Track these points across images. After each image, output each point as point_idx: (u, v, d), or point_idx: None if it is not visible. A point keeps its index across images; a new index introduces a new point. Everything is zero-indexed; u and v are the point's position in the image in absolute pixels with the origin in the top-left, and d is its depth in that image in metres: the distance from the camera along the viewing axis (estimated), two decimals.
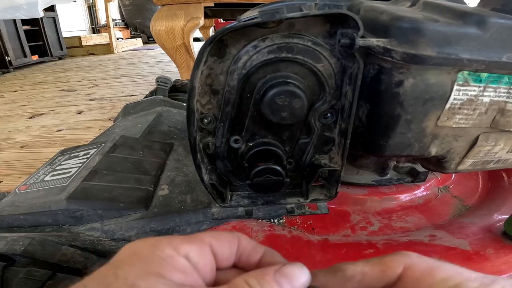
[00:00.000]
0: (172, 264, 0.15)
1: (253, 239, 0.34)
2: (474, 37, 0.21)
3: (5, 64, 2.57)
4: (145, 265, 0.15)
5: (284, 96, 0.22)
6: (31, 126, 1.20)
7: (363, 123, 0.25)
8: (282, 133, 0.25)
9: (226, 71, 0.23)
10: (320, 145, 0.26)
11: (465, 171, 0.27)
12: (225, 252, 0.18)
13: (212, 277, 0.17)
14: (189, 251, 0.16)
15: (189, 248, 0.16)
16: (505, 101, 0.23)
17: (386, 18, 0.22)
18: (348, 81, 0.23)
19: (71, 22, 4.07)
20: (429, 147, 0.24)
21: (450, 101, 0.22)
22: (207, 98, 0.24)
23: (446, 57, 0.20)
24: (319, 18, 0.22)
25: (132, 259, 0.15)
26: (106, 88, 1.78)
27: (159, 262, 0.15)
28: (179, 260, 0.16)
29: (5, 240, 0.30)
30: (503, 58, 0.21)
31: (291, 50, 0.22)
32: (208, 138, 0.25)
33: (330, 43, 0.22)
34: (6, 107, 1.51)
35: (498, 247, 0.33)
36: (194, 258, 0.16)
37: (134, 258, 0.15)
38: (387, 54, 0.21)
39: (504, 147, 0.25)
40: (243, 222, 0.37)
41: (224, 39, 0.22)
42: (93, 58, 3.22)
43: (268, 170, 0.26)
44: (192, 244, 0.17)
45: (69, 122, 1.22)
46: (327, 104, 0.24)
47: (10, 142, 1.06)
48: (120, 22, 4.45)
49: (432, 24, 0.21)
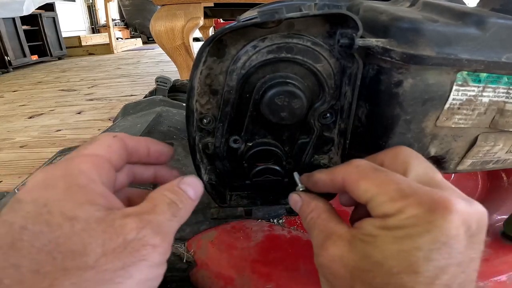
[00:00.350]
0: (93, 191, 0.17)
1: (253, 239, 0.34)
2: (473, 37, 0.21)
3: (4, 64, 2.57)
4: (73, 196, 0.16)
5: (283, 96, 0.22)
6: (31, 126, 1.20)
7: (363, 123, 0.25)
8: (282, 133, 0.26)
9: (225, 71, 0.23)
10: (319, 145, 0.26)
11: (464, 171, 0.27)
12: (118, 158, 0.20)
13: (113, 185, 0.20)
14: (96, 173, 0.18)
15: (94, 171, 0.18)
16: (504, 101, 0.23)
17: (385, 18, 0.22)
18: (347, 81, 0.23)
19: (70, 22, 4.07)
20: (428, 147, 0.25)
21: (449, 101, 0.22)
22: (207, 98, 0.24)
23: (446, 57, 0.20)
24: (318, 18, 0.22)
25: (56, 192, 0.16)
26: (105, 88, 1.78)
27: (83, 191, 0.17)
28: (97, 186, 0.17)
29: None
30: (503, 58, 0.21)
31: (290, 50, 0.22)
32: (207, 138, 0.25)
33: (329, 43, 0.22)
34: (5, 107, 1.51)
35: (498, 247, 0.33)
36: (103, 179, 0.18)
37: (57, 192, 0.16)
38: (386, 54, 0.21)
39: (503, 147, 0.25)
40: (243, 222, 0.37)
41: (223, 39, 0.22)
42: (93, 58, 3.22)
43: (267, 170, 0.26)
44: (92, 165, 0.18)
45: (68, 122, 1.22)
46: (326, 104, 0.24)
47: (10, 142, 1.06)
48: (119, 22, 4.45)
49: (432, 24, 0.21)
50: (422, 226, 0.16)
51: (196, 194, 0.21)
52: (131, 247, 0.16)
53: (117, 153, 0.20)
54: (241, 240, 0.35)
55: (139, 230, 0.16)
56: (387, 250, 0.17)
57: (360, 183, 0.19)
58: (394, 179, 0.18)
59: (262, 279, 0.31)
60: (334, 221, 0.21)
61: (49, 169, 0.18)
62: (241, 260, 0.32)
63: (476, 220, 0.17)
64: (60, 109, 1.42)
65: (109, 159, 0.19)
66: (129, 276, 0.16)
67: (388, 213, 0.17)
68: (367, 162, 0.20)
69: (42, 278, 0.15)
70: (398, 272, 0.16)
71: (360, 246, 0.18)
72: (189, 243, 0.35)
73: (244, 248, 0.34)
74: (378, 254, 0.17)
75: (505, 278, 0.30)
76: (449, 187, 0.18)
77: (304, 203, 0.23)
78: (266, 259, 0.32)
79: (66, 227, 0.15)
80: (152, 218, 0.17)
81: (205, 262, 0.33)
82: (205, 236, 0.35)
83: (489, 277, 0.30)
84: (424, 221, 0.16)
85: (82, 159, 0.18)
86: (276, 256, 0.33)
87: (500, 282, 0.30)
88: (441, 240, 0.16)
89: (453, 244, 0.16)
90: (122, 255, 0.16)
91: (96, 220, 0.16)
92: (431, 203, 0.16)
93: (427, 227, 0.16)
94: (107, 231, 0.16)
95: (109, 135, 0.21)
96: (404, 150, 0.21)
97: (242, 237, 0.35)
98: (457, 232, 0.16)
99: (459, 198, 0.17)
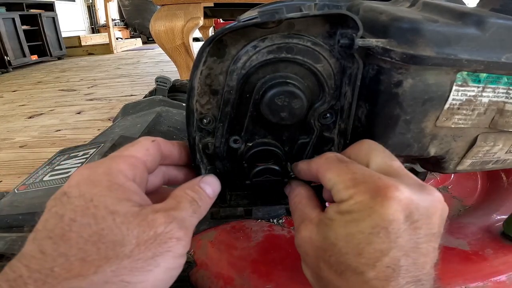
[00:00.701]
0: (129, 189, 0.19)
1: (253, 239, 0.34)
2: (473, 38, 0.21)
3: (4, 64, 2.56)
4: (114, 192, 0.18)
5: (283, 97, 0.22)
6: (30, 126, 1.20)
7: (362, 124, 0.25)
8: (282, 133, 0.26)
9: (225, 71, 0.23)
10: (319, 145, 0.26)
11: (464, 172, 0.27)
12: (153, 161, 0.22)
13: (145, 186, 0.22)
14: (132, 174, 0.20)
15: (130, 171, 0.20)
16: (504, 102, 0.23)
17: (385, 19, 0.22)
18: (347, 81, 0.23)
19: (70, 22, 4.07)
20: (428, 148, 0.25)
21: (449, 101, 0.22)
22: (207, 98, 0.24)
23: (445, 57, 0.20)
24: (318, 19, 0.22)
25: (100, 189, 0.18)
26: (105, 88, 1.78)
27: (121, 189, 0.19)
28: (132, 185, 0.19)
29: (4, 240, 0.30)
30: (502, 58, 0.21)
31: (290, 50, 0.22)
32: (207, 138, 0.25)
33: (329, 44, 0.22)
34: (5, 107, 1.51)
35: (497, 247, 0.33)
36: (137, 178, 0.20)
37: (101, 188, 0.18)
38: (386, 55, 0.21)
39: (503, 147, 0.25)
40: (242, 222, 0.37)
41: (223, 39, 0.22)
42: (93, 58, 3.22)
43: (267, 170, 0.26)
44: (130, 165, 0.20)
45: (68, 122, 1.22)
46: (326, 105, 0.24)
47: (9, 142, 1.06)
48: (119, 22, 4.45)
49: (431, 24, 0.21)
50: (364, 211, 0.18)
51: (214, 193, 0.23)
52: (159, 239, 0.18)
53: (153, 156, 0.22)
54: (241, 240, 0.35)
55: (167, 225, 0.18)
56: (339, 232, 0.19)
57: (326, 173, 0.21)
58: (352, 168, 0.20)
59: (262, 279, 0.31)
60: (310, 206, 0.23)
61: (93, 167, 0.19)
62: (241, 260, 0.32)
63: (420, 207, 0.18)
64: (59, 109, 1.42)
65: (145, 161, 0.21)
66: (157, 265, 0.17)
67: (343, 199, 0.19)
68: (335, 154, 0.22)
69: (88, 265, 0.16)
70: (346, 252, 0.18)
71: (322, 228, 0.20)
72: None
73: (244, 248, 0.34)
74: (333, 235, 0.19)
75: (505, 278, 0.31)
76: (402, 174, 0.20)
77: (291, 190, 0.26)
78: (266, 259, 0.32)
79: (109, 220, 0.17)
80: (177, 214, 0.19)
81: (204, 262, 0.33)
82: (204, 236, 0.35)
83: (489, 277, 0.30)
84: (367, 206, 0.18)
85: (121, 160, 0.20)
86: (276, 256, 0.33)
87: (499, 282, 0.30)
88: (380, 225, 0.17)
89: (392, 229, 0.17)
90: (152, 246, 0.17)
91: (132, 214, 0.18)
92: (375, 190, 0.18)
93: (368, 212, 0.18)
94: (141, 224, 0.18)
95: (148, 139, 0.22)
96: (366, 143, 0.22)
97: (242, 237, 0.35)
98: (394, 218, 0.17)
99: (403, 185, 0.18)
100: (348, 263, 0.18)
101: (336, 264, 0.19)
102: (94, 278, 0.16)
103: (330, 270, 0.19)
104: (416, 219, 0.18)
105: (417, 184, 0.19)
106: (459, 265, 0.31)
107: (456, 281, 0.30)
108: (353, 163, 0.21)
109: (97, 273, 0.16)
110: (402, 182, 0.18)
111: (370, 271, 0.18)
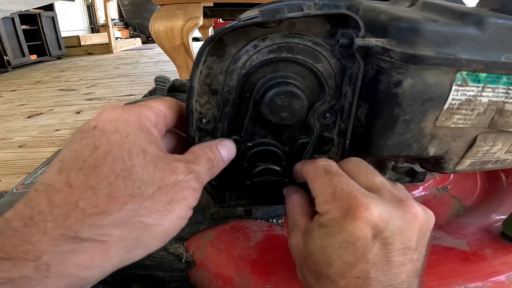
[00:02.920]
0: (154, 134, 0.20)
1: (252, 239, 0.34)
2: (472, 37, 0.21)
3: (3, 64, 2.56)
4: (144, 134, 0.18)
5: (283, 96, 0.22)
6: (29, 126, 1.20)
7: (362, 123, 0.25)
8: (282, 133, 0.26)
9: (225, 70, 0.23)
10: (319, 145, 0.26)
11: (463, 172, 0.27)
12: (172, 118, 0.23)
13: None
14: (155, 123, 0.20)
15: (154, 120, 0.20)
16: (503, 102, 0.23)
17: (385, 18, 0.22)
18: (348, 81, 0.23)
19: (70, 22, 4.06)
20: (427, 148, 0.25)
21: (448, 101, 0.22)
22: (206, 98, 0.24)
23: (445, 57, 0.20)
24: (319, 18, 0.22)
25: (133, 128, 0.18)
26: (104, 88, 1.78)
27: (149, 133, 0.19)
28: (156, 132, 0.20)
29: None
30: (502, 58, 0.21)
31: (291, 50, 0.22)
32: (207, 138, 0.25)
33: (330, 43, 0.22)
34: (4, 107, 1.50)
35: (496, 247, 0.33)
36: (159, 128, 0.21)
37: (134, 127, 0.18)
38: (386, 54, 0.21)
39: (503, 147, 0.25)
40: (242, 222, 0.37)
41: (223, 39, 0.22)
42: (92, 58, 3.22)
43: (267, 170, 0.26)
44: (155, 115, 0.21)
45: (67, 122, 1.22)
46: (326, 104, 0.24)
47: (8, 141, 1.05)
48: (119, 21, 4.44)
49: (431, 24, 0.21)
50: (336, 227, 0.20)
51: (228, 157, 0.23)
52: (178, 186, 0.18)
53: (173, 114, 0.23)
54: (240, 240, 0.34)
55: (187, 174, 0.19)
56: (316, 243, 0.21)
57: (313, 182, 0.23)
58: (334, 182, 0.21)
59: (261, 279, 0.31)
60: (300, 214, 0.24)
61: (124, 108, 0.19)
62: (240, 260, 0.32)
63: (390, 225, 0.19)
64: (59, 108, 1.42)
65: (166, 116, 0.22)
66: (172, 210, 0.18)
67: (321, 212, 0.21)
68: (324, 164, 0.23)
69: (114, 202, 0.16)
70: (320, 262, 0.20)
71: (306, 238, 0.22)
72: (188, 243, 0.35)
73: (243, 248, 0.34)
74: (311, 245, 0.21)
75: (504, 278, 0.31)
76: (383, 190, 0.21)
77: (287, 195, 0.27)
78: (265, 259, 0.32)
79: (140, 158, 0.17)
80: (195, 167, 0.20)
81: (204, 262, 0.33)
82: (204, 236, 0.35)
83: (488, 277, 0.30)
84: (338, 223, 0.20)
85: (149, 109, 0.20)
86: (275, 256, 0.33)
87: (499, 282, 0.30)
88: (348, 240, 0.19)
89: (360, 245, 0.19)
90: (171, 191, 0.18)
91: (159, 157, 0.18)
92: (347, 208, 0.20)
93: (339, 229, 0.20)
94: (165, 168, 0.18)
95: (172, 99, 0.23)
96: (352, 160, 0.24)
97: (241, 237, 0.35)
98: (361, 235, 0.19)
99: (376, 204, 0.20)
100: (322, 271, 0.20)
101: (314, 271, 0.21)
102: (117, 216, 0.16)
103: (311, 276, 0.21)
104: (387, 236, 0.19)
105: (395, 200, 0.20)
106: (458, 265, 0.31)
107: (455, 281, 0.30)
108: (338, 175, 0.22)
109: (121, 211, 0.16)
110: (377, 200, 0.20)
111: (341, 280, 0.20)
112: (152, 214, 0.17)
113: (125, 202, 0.16)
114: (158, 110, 0.21)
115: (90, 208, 0.16)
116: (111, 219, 0.16)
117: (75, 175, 0.16)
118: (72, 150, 0.17)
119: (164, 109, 0.22)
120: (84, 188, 0.16)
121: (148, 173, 0.17)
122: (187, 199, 0.19)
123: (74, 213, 0.15)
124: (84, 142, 0.17)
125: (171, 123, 0.23)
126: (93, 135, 0.17)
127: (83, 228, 0.15)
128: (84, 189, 0.16)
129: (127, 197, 0.16)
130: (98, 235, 0.16)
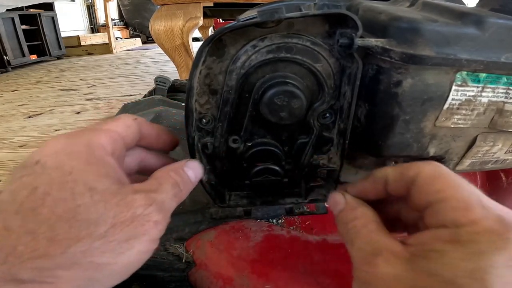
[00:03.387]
0: (109, 164, 0.18)
1: (252, 239, 0.34)
2: (472, 37, 0.21)
3: (3, 64, 2.56)
4: (93, 167, 0.17)
5: (283, 96, 0.22)
6: (30, 126, 1.20)
7: (362, 123, 0.25)
8: (281, 133, 0.25)
9: (224, 70, 0.23)
10: (318, 145, 0.26)
11: (463, 172, 0.27)
12: (132, 138, 0.22)
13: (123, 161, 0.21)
14: (111, 148, 0.19)
15: (110, 145, 0.19)
16: (503, 102, 0.23)
17: (384, 18, 0.22)
18: (347, 81, 0.23)
19: (70, 22, 4.06)
20: (427, 148, 0.25)
21: (448, 101, 0.22)
22: (206, 98, 0.24)
23: (445, 57, 0.20)
24: (318, 18, 0.22)
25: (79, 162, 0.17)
26: (105, 88, 1.78)
27: (101, 164, 0.18)
28: (111, 160, 0.18)
29: None
30: (502, 58, 0.21)
31: (290, 50, 0.22)
32: (206, 138, 0.25)
33: (329, 43, 0.22)
34: (4, 107, 1.51)
35: None
36: (116, 154, 0.19)
37: (80, 161, 0.17)
38: (385, 54, 0.21)
39: (503, 147, 0.25)
40: (242, 222, 0.37)
41: (223, 39, 0.22)
42: (92, 58, 3.22)
43: (267, 170, 0.26)
44: (110, 139, 0.19)
45: (67, 122, 1.22)
46: (326, 104, 0.24)
47: (8, 141, 1.06)
48: (119, 21, 4.44)
49: (431, 24, 0.21)
50: (498, 242, 0.15)
51: (196, 178, 0.23)
52: (137, 221, 0.17)
53: (133, 134, 0.22)
54: (240, 240, 0.34)
55: (146, 207, 0.17)
56: (459, 267, 0.15)
57: (436, 180, 0.18)
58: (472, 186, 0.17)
59: (261, 279, 0.31)
60: (383, 234, 0.19)
61: (72, 136, 0.18)
62: (240, 260, 0.32)
63: None
64: (59, 108, 1.42)
65: (124, 137, 0.21)
66: (131, 248, 0.17)
67: (459, 222, 0.16)
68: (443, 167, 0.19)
69: (56, 245, 0.15)
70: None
71: (422, 264, 0.16)
72: (188, 243, 0.35)
73: (243, 248, 0.34)
74: (448, 272, 0.15)
75: None
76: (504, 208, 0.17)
77: (348, 207, 0.21)
78: (265, 259, 0.32)
79: (87, 197, 0.16)
80: (157, 196, 0.18)
81: (204, 262, 0.33)
82: (204, 236, 0.35)
83: None
84: (501, 237, 0.15)
85: (102, 133, 0.19)
86: (275, 256, 0.33)
87: None
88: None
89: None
90: (128, 228, 0.17)
91: (111, 192, 0.17)
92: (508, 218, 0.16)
93: (505, 244, 0.15)
94: (119, 204, 0.17)
95: (130, 116, 0.22)
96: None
97: (241, 237, 0.35)
98: None
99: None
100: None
101: None
102: (61, 259, 0.15)
103: None
104: None
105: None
106: None
107: None
108: None
109: (65, 253, 0.15)
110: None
111: None
112: (105, 254, 0.16)
113: (70, 244, 0.15)
114: (113, 133, 0.20)
115: (29, 252, 0.15)
116: (53, 262, 0.15)
117: (12, 218, 0.15)
118: (11, 190, 0.16)
119: (120, 130, 0.20)
120: (22, 232, 0.15)
121: (97, 212, 0.16)
122: (149, 232, 0.17)
123: (12, 257, 0.14)
124: (24, 180, 0.16)
125: (132, 143, 0.22)
126: (34, 171, 0.16)
127: (23, 270, 0.14)
128: (21, 233, 0.15)
129: (72, 239, 0.15)
130: (44, 277, 0.15)
